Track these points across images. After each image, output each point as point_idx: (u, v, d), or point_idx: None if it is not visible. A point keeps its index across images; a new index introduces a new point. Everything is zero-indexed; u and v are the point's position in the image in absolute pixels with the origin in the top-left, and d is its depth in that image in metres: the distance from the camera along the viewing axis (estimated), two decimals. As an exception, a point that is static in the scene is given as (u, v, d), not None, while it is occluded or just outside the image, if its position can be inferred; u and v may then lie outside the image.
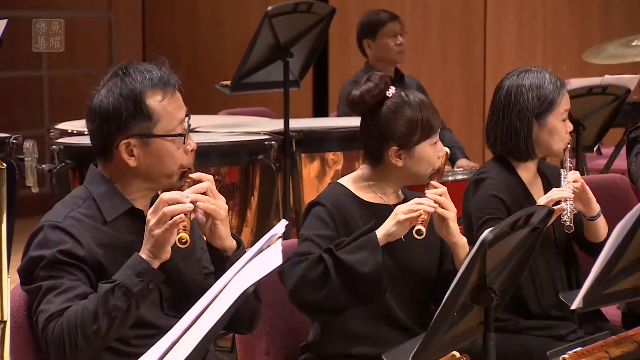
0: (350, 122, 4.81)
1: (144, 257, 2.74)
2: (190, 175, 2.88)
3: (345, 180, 3.36)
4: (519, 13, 8.34)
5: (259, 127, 5.28)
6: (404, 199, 3.33)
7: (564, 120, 3.75)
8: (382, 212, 3.24)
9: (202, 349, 2.18)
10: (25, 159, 4.47)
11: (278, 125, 5.11)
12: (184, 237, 2.70)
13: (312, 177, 5.07)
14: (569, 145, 3.77)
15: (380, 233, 3.14)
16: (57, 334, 2.70)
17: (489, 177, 3.71)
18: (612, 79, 5.17)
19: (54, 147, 4.46)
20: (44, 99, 9.24)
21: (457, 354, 3.08)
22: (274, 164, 4.67)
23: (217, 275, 2.87)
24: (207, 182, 2.85)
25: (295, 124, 5.11)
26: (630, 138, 4.27)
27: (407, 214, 3.14)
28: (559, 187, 3.64)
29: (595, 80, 5.15)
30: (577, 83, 5.08)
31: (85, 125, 2.97)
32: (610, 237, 3.03)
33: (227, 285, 2.28)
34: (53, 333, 2.71)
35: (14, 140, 4.64)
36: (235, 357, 3.63)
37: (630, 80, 5.16)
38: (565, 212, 3.53)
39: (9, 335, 2.04)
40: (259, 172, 4.65)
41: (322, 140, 5.09)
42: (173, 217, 2.72)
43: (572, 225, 3.54)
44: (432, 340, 2.72)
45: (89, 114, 2.91)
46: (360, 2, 8.36)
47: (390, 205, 3.26)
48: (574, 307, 3.10)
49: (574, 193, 3.59)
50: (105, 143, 2.89)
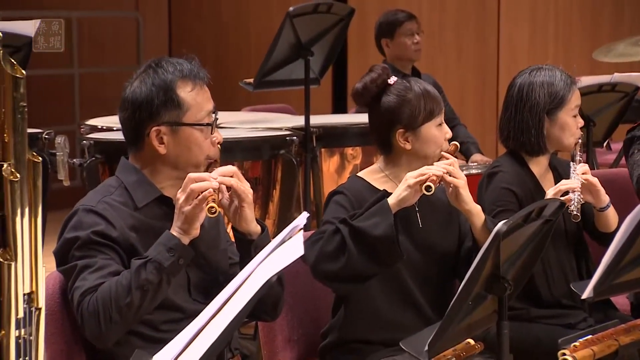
0: (369, 118, 4.81)
1: (175, 234, 2.78)
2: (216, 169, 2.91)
3: (363, 174, 3.39)
4: (532, 13, 8.32)
5: (281, 123, 5.29)
6: None
7: (575, 116, 3.75)
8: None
9: (227, 335, 2.19)
10: (57, 154, 4.49)
11: (299, 122, 5.12)
12: (213, 206, 2.73)
13: (331, 171, 5.08)
14: (580, 140, 3.76)
15: (392, 199, 3.15)
16: (92, 308, 2.73)
17: (502, 170, 3.72)
18: (621, 77, 5.16)
19: (85, 142, 4.48)
20: (75, 96, 9.27)
21: (471, 342, 3.09)
22: (295, 159, 4.67)
23: (242, 260, 2.90)
24: (233, 167, 2.88)
25: (316, 120, 5.12)
26: (626, 139, 4.25)
27: (416, 178, 3.15)
28: (570, 177, 3.64)
29: (605, 78, 5.14)
30: (587, 81, 5.07)
31: (116, 120, 3.00)
32: (620, 229, 3.03)
33: (251, 274, 2.29)
34: (88, 307, 2.74)
35: (47, 136, 4.66)
36: (258, 344, 3.64)
37: (639, 78, 5.15)
38: (573, 202, 3.53)
39: (44, 322, 2.05)
40: (281, 166, 4.65)
41: (341, 136, 5.09)
42: (200, 193, 2.75)
43: (578, 215, 3.53)
44: (448, 329, 2.73)
45: (122, 104, 2.94)
46: (379, 2, 8.36)
47: None
48: (585, 296, 3.09)
49: (583, 185, 3.60)
50: (137, 131, 2.92)
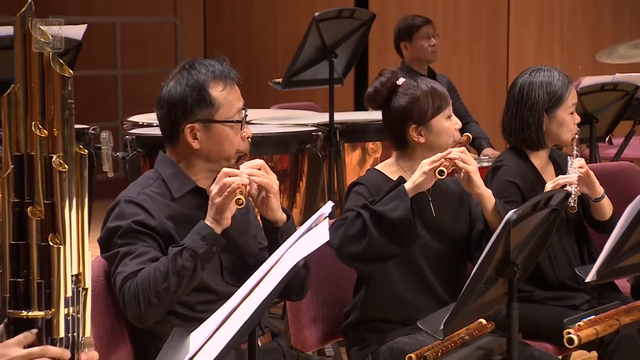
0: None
1: (208, 223, 2.78)
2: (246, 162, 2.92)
3: (380, 167, 3.39)
4: (539, 17, 8.29)
5: (307, 119, 5.28)
6: None
7: (572, 113, 3.75)
8: None
9: (258, 315, 2.19)
10: (102, 148, 4.50)
11: (324, 118, 5.11)
12: (241, 198, 2.74)
13: (353, 164, 5.08)
14: (577, 136, 3.77)
15: (408, 185, 3.15)
16: (132, 292, 2.74)
17: (505, 164, 3.73)
18: (622, 77, 5.15)
19: (127, 137, 4.49)
20: (118, 95, 9.30)
21: (483, 321, 3.09)
22: (320, 153, 4.67)
23: (270, 246, 2.90)
24: (261, 160, 2.88)
25: (339, 117, 5.11)
26: None
27: (431, 165, 3.15)
28: (567, 171, 3.65)
29: (607, 78, 5.13)
30: (590, 81, 5.06)
31: (155, 117, 3.01)
32: (622, 217, 3.02)
33: (280, 259, 2.29)
34: (129, 291, 2.74)
35: (92, 131, 4.67)
36: (286, 322, 3.64)
37: (639, 78, 5.13)
38: (570, 194, 3.54)
39: (90, 301, 2.06)
40: (307, 159, 4.65)
41: (362, 132, 5.08)
42: (231, 186, 2.75)
43: (575, 206, 3.53)
44: (461, 309, 2.72)
45: (159, 103, 2.94)
46: (397, 8, 8.34)
47: None
48: (589, 279, 3.08)
49: (580, 178, 3.60)
50: (173, 128, 2.93)
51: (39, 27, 1.97)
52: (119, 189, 2.98)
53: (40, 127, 1.97)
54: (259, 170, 2.85)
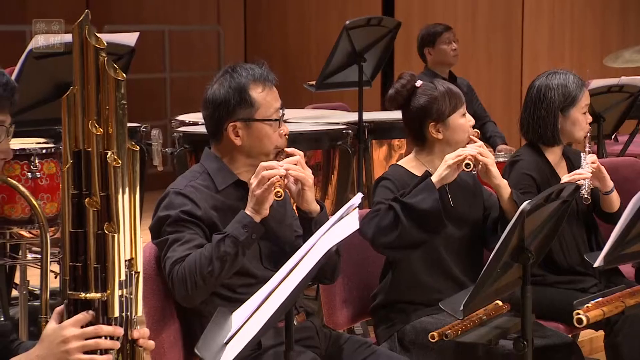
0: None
1: (249, 213, 2.78)
2: (285, 150, 2.91)
3: (402, 162, 3.38)
4: (551, 25, 8.23)
5: (338, 118, 5.27)
6: None
7: (585, 113, 3.75)
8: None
9: (294, 297, 2.19)
10: (152, 144, 4.51)
11: (353, 117, 5.09)
12: (280, 191, 2.74)
13: (380, 159, 5.06)
14: (589, 134, 3.75)
15: (435, 178, 3.15)
16: (180, 275, 2.74)
17: (522, 159, 3.71)
18: (627, 80, 5.12)
19: (175, 134, 4.50)
20: (167, 96, 9.32)
21: (500, 303, 3.07)
22: (350, 149, 4.66)
23: (305, 235, 2.89)
24: (298, 156, 2.87)
25: (367, 116, 5.09)
26: None
27: (454, 159, 3.15)
28: (580, 167, 3.64)
29: (614, 81, 5.10)
30: (598, 83, 5.03)
31: (201, 116, 3.01)
32: (627, 208, 3.00)
33: (314, 246, 2.28)
34: (177, 274, 2.75)
35: (144, 129, 4.68)
36: (319, 303, 3.64)
37: (643, 80, 5.10)
38: (584, 187, 3.53)
39: (141, 283, 2.06)
40: (338, 155, 4.64)
41: (389, 129, 5.06)
42: (270, 179, 2.75)
43: (589, 198, 3.54)
44: (479, 292, 2.71)
45: (204, 104, 2.95)
46: (421, 17, 8.31)
47: None
48: (596, 265, 3.07)
49: (592, 172, 3.58)
50: (217, 126, 2.93)
51: (95, 34, 1.97)
52: (168, 182, 2.98)
53: (97, 125, 1.98)
54: (296, 165, 2.85)
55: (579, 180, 3.51)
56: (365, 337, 3.85)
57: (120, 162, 1.98)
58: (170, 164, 4.55)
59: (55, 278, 4.55)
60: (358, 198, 2.48)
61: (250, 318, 2.23)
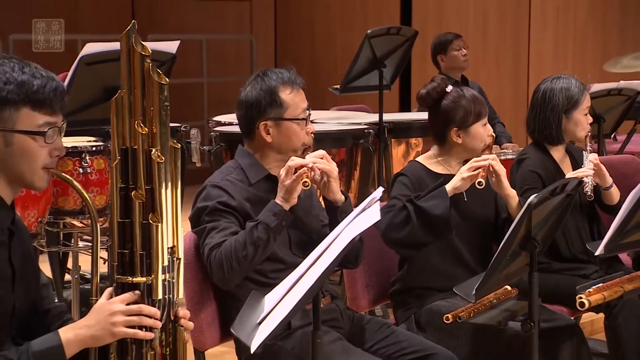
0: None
1: (278, 202, 2.78)
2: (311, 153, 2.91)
3: (421, 159, 3.36)
4: (555, 33, 8.19)
5: (360, 119, 5.26)
6: None
7: (586, 115, 3.73)
8: (448, 180, 3.21)
9: (321, 281, 2.19)
10: (192, 142, 4.52)
11: (374, 118, 5.08)
12: (307, 181, 2.75)
13: (399, 156, 5.05)
14: (590, 133, 3.73)
15: (449, 187, 3.12)
16: (217, 260, 2.75)
17: (528, 157, 3.69)
18: (626, 84, 5.10)
19: (212, 133, 4.51)
20: (204, 99, 9.34)
21: (509, 287, 3.06)
22: (371, 147, 4.65)
23: (330, 223, 2.89)
24: (322, 151, 2.87)
25: (387, 117, 5.08)
26: None
27: (469, 172, 3.12)
28: (582, 164, 3.63)
29: (613, 85, 5.07)
30: (599, 87, 5.00)
31: (235, 116, 3.01)
32: (625, 201, 2.98)
33: (339, 235, 2.28)
34: (215, 259, 2.76)
35: (184, 129, 4.69)
36: (343, 287, 3.63)
37: (640, 85, 5.07)
38: (587, 184, 3.51)
39: (182, 269, 2.07)
40: (360, 152, 4.63)
41: (407, 129, 5.04)
42: (297, 170, 2.75)
43: (592, 195, 3.54)
44: (490, 277, 2.70)
45: (238, 105, 2.95)
46: (436, 27, 8.28)
47: (455, 175, 3.24)
48: (597, 253, 3.06)
49: (593, 170, 3.56)
50: (250, 125, 2.93)
51: (141, 42, 1.98)
52: (206, 177, 2.99)
53: (142, 125, 1.98)
54: (321, 159, 2.85)
55: (582, 178, 3.49)
56: (385, 318, 3.83)
57: (163, 158, 1.99)
58: (208, 161, 4.56)
59: (104, 264, 4.57)
60: (379, 192, 2.47)
61: (281, 301, 2.23)
